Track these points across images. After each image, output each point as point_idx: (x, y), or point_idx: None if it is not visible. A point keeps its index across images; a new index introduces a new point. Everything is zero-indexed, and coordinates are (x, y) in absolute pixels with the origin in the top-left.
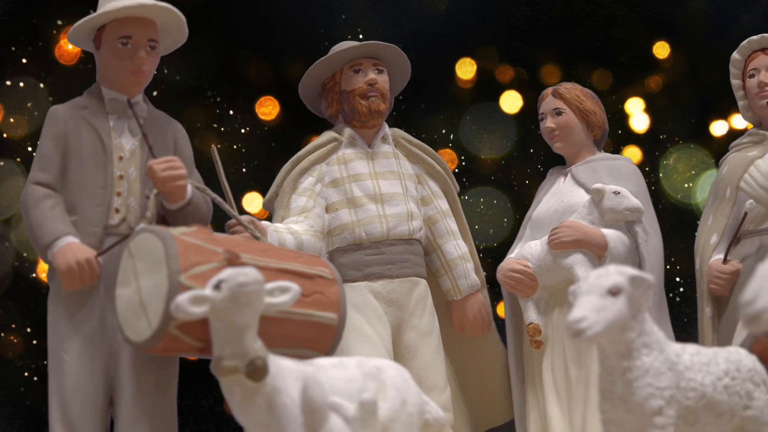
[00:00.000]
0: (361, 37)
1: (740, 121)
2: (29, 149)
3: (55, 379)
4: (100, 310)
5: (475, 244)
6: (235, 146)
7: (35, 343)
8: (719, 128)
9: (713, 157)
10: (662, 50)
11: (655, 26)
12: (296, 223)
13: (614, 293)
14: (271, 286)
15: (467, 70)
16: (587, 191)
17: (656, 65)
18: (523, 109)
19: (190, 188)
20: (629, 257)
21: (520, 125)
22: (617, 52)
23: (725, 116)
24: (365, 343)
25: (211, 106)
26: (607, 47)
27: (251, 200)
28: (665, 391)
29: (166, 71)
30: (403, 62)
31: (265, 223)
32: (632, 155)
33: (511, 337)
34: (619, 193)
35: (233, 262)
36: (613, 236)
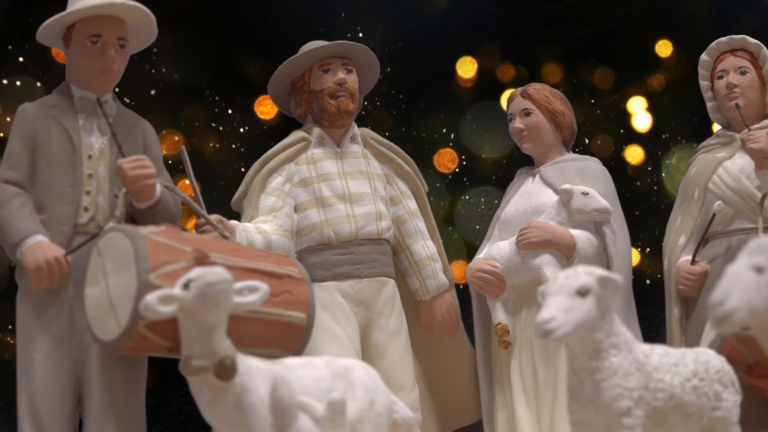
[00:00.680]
0: (361, 35)
1: None
2: None
3: (23, 378)
4: (68, 309)
5: (475, 244)
6: (233, 145)
7: None
8: None
9: None
10: (665, 49)
11: (657, 25)
12: (265, 222)
13: (583, 294)
14: (239, 285)
15: (468, 68)
16: (556, 192)
17: (659, 64)
18: None
19: (159, 187)
20: (597, 258)
21: None
22: (619, 50)
23: None
24: (334, 342)
25: (209, 105)
26: (609, 46)
27: None
28: (634, 391)
29: (164, 70)
30: (372, 62)
31: (233, 222)
32: (634, 155)
33: (479, 337)
34: (587, 193)
35: (202, 261)
36: (581, 237)
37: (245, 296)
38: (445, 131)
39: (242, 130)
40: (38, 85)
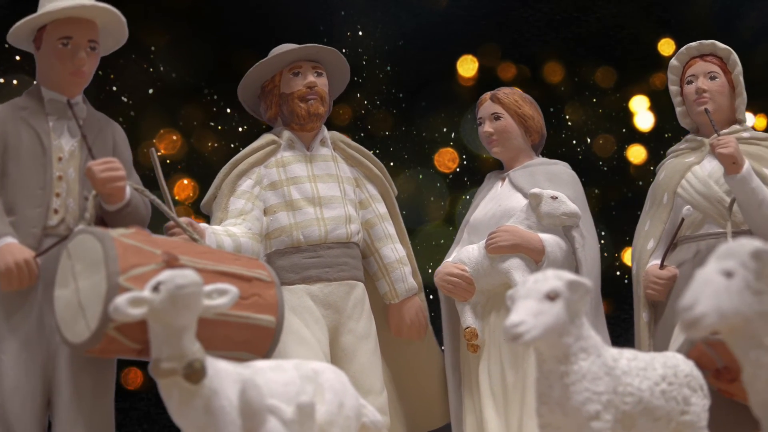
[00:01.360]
0: (360, 34)
1: (747, 119)
2: None
3: None
4: (38, 311)
5: None
6: (232, 145)
7: None
8: None
9: None
10: (667, 47)
11: (660, 23)
12: (234, 225)
13: (552, 298)
14: (209, 288)
15: (469, 67)
16: (525, 196)
17: (661, 63)
18: None
19: (128, 190)
20: (566, 262)
21: None
22: (621, 49)
23: None
24: (303, 345)
25: (208, 104)
26: (611, 44)
27: None
28: (602, 395)
29: (162, 69)
30: (342, 65)
31: (203, 225)
32: (637, 154)
33: (448, 340)
34: (556, 197)
35: (171, 264)
36: (550, 241)
37: (214, 299)
38: (445, 130)
39: (241, 129)
40: (35, 83)
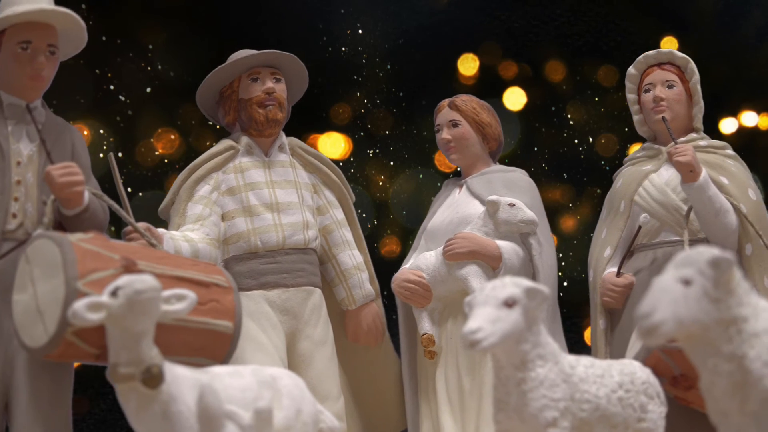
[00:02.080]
0: (360, 32)
1: (750, 118)
2: None
3: None
4: None
5: None
6: None
7: None
8: (728, 126)
9: None
10: (670, 45)
11: (662, 21)
12: (192, 231)
13: (510, 305)
14: (167, 293)
15: (469, 66)
16: (482, 203)
17: None
18: (527, 106)
19: (87, 195)
20: (523, 269)
21: (523, 123)
22: (624, 47)
23: (734, 113)
24: (260, 351)
25: None
26: (613, 42)
27: None
28: (560, 402)
29: (160, 67)
30: (300, 71)
31: (161, 230)
32: None
33: (405, 347)
34: (514, 205)
35: (130, 269)
36: (507, 248)
37: (173, 304)
38: None
39: None
40: None
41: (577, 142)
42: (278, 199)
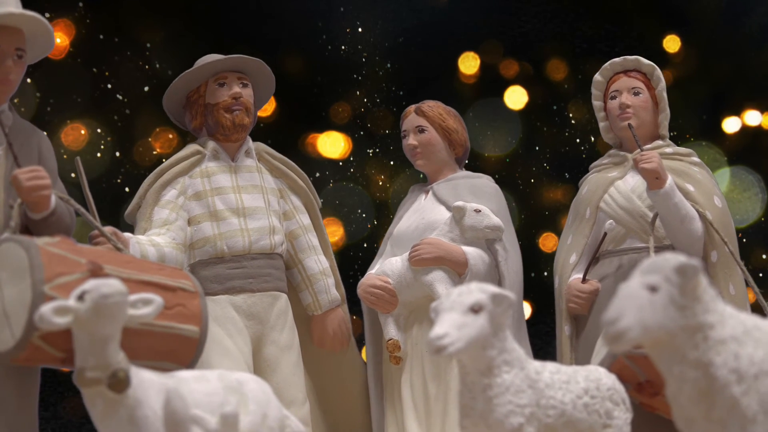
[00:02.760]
0: (360, 30)
1: (754, 117)
2: None
3: None
4: None
5: None
6: None
7: None
8: (732, 125)
9: (725, 154)
10: (673, 44)
11: (665, 19)
12: (158, 235)
13: (476, 310)
14: (134, 297)
15: (470, 64)
16: (448, 209)
17: (666, 59)
18: (528, 105)
19: (53, 199)
20: (489, 275)
21: (525, 122)
22: (626, 45)
23: (738, 112)
24: (226, 356)
25: None
26: (615, 41)
27: None
28: (525, 408)
29: (158, 66)
30: (267, 76)
31: (127, 234)
32: None
33: (370, 352)
34: (479, 211)
35: (96, 273)
36: (473, 254)
37: (139, 309)
38: None
39: None
40: (28, 81)
41: (578, 141)
42: (245, 203)
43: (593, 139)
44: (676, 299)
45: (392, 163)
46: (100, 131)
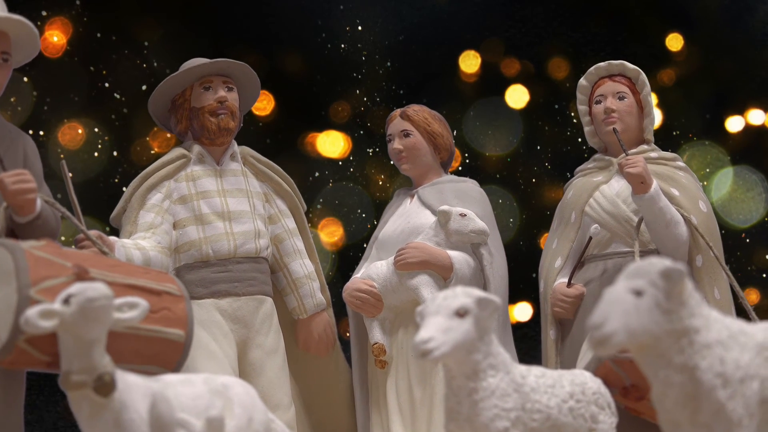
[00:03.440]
0: (360, 29)
1: (757, 116)
2: None
3: None
4: None
5: None
6: None
7: None
8: (735, 124)
9: (729, 154)
10: (675, 42)
11: (667, 17)
12: (144, 239)
13: (461, 314)
14: (119, 301)
15: (471, 63)
16: (434, 213)
17: (669, 58)
18: (529, 104)
19: (39, 202)
20: (474, 279)
21: (526, 121)
22: (628, 44)
23: (741, 111)
24: (211, 360)
25: None
26: (617, 39)
27: None
28: (511, 412)
29: (156, 64)
30: (253, 80)
31: (112, 238)
32: None
33: (355, 356)
34: (465, 215)
35: (82, 276)
36: (458, 258)
37: (125, 312)
38: None
39: None
40: (25, 80)
41: (580, 140)
42: (230, 207)
43: None
44: (661, 303)
45: (392, 162)
46: (97, 130)
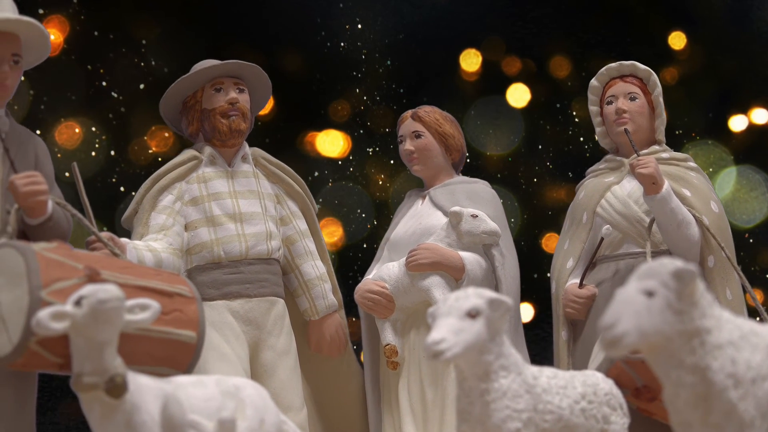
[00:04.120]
0: (360, 27)
1: (761, 115)
2: None
3: None
4: None
5: None
6: None
7: None
8: (738, 123)
9: (732, 153)
10: (678, 41)
11: (670, 15)
12: (155, 240)
13: (473, 315)
14: (131, 303)
15: (472, 61)
16: (445, 214)
17: (672, 56)
18: (531, 103)
19: (50, 204)
20: (486, 280)
21: (527, 120)
22: (630, 42)
23: (744, 110)
24: (223, 361)
25: None
26: (619, 37)
27: None
28: (523, 413)
29: (153, 63)
30: (264, 82)
31: (124, 240)
32: None
33: (367, 357)
34: (476, 216)
35: (94, 278)
36: (470, 259)
37: (136, 314)
38: None
39: None
40: (22, 78)
41: (582, 140)
42: (241, 209)
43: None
44: (673, 304)
45: (392, 162)
46: (94, 130)
